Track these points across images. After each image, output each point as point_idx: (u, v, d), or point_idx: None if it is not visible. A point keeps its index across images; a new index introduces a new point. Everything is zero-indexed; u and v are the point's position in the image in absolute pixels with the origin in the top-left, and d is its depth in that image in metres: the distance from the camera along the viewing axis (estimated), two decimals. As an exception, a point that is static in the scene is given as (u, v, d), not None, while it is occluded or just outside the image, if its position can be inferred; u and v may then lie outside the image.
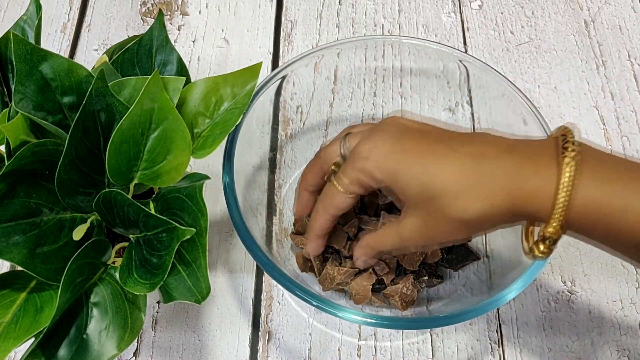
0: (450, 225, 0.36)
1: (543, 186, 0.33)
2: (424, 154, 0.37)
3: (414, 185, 0.37)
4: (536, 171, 0.34)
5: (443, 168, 0.36)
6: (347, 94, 0.62)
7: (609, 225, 0.33)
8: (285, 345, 0.51)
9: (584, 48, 0.68)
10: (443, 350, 0.51)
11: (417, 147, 0.37)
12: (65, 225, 0.40)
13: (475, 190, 0.35)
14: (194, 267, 0.39)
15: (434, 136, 0.38)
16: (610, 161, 0.34)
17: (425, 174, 0.36)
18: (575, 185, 0.32)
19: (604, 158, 0.34)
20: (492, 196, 0.35)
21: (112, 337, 0.38)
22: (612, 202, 0.32)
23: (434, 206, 0.36)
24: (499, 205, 0.35)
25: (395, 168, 0.37)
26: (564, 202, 0.33)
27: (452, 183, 0.35)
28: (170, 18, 0.71)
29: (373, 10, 0.71)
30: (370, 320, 0.41)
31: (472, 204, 0.35)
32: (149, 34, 0.47)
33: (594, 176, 0.33)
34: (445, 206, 0.36)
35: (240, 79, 0.46)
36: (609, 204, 0.32)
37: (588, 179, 0.33)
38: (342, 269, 0.50)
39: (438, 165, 0.36)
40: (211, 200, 0.57)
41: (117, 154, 0.40)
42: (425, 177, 0.36)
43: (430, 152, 0.37)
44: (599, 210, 0.32)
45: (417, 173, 0.36)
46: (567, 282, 0.54)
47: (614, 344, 0.51)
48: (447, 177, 0.36)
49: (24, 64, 0.39)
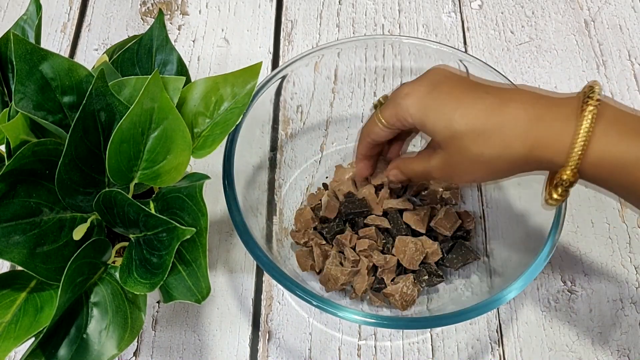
0: (470, 164, 0.39)
1: (561, 134, 0.35)
2: (456, 98, 0.39)
3: (442, 125, 0.39)
4: (556, 120, 0.36)
5: (469, 111, 0.38)
6: (347, 93, 0.62)
7: (623, 175, 0.34)
8: (285, 344, 0.51)
9: (585, 47, 0.68)
10: (443, 349, 0.51)
11: (452, 92, 0.40)
12: (65, 225, 0.39)
13: (496, 134, 0.37)
14: (194, 266, 0.39)
15: (471, 85, 0.40)
16: (628, 117, 0.35)
17: (453, 115, 0.39)
18: (592, 135, 0.34)
19: (623, 114, 0.36)
20: (511, 140, 0.37)
21: (112, 337, 0.38)
22: (628, 154, 0.34)
23: (457, 145, 0.39)
24: (517, 150, 0.37)
25: (427, 108, 0.40)
26: (579, 150, 0.34)
27: (476, 125, 0.38)
28: (170, 18, 0.71)
29: (373, 10, 0.71)
30: (371, 320, 0.41)
31: (491, 146, 0.37)
32: (149, 33, 0.47)
33: (611, 128, 0.34)
34: (466, 146, 0.38)
35: (240, 79, 0.46)
36: (624, 155, 0.34)
37: (605, 131, 0.34)
38: (345, 270, 0.50)
39: (466, 108, 0.39)
40: (211, 200, 0.57)
41: (117, 154, 0.40)
42: (452, 118, 0.39)
43: (462, 97, 0.39)
44: (614, 160, 0.34)
45: (445, 114, 0.39)
46: (568, 282, 0.54)
47: (614, 343, 0.51)
48: (471, 119, 0.38)
49: (24, 63, 0.39)
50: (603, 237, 0.56)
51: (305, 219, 0.54)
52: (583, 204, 0.58)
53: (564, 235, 0.56)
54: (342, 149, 0.60)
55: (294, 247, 0.55)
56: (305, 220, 0.54)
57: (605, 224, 0.57)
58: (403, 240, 0.51)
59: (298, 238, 0.54)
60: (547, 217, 0.44)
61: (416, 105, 0.41)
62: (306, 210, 0.54)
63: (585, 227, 0.57)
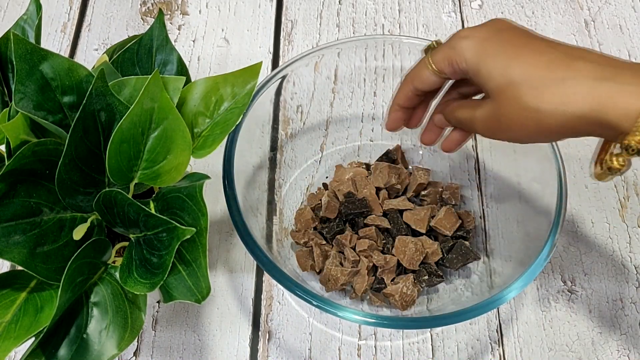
0: (521, 118, 0.36)
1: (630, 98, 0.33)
2: (517, 46, 0.37)
3: (498, 72, 0.37)
4: (628, 83, 0.33)
5: (530, 59, 0.36)
6: (347, 93, 0.62)
7: None
8: (285, 344, 0.51)
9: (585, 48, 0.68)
10: (443, 349, 0.51)
11: (513, 41, 0.38)
12: (65, 224, 0.39)
13: (557, 85, 0.35)
14: (194, 266, 0.39)
15: (536, 37, 0.38)
16: None
17: (511, 62, 0.37)
18: None
19: None
20: (571, 96, 0.34)
21: (112, 337, 0.38)
22: None
23: (510, 95, 0.37)
24: (577, 107, 0.34)
25: (485, 53, 0.38)
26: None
27: (535, 75, 0.36)
28: (170, 18, 0.71)
29: (373, 10, 0.71)
30: (371, 319, 0.41)
31: (550, 96, 0.35)
32: (149, 33, 0.47)
33: None
34: (522, 94, 0.36)
35: (241, 79, 0.46)
36: None
37: None
38: (345, 270, 0.50)
39: (527, 57, 0.36)
40: (211, 199, 0.57)
41: (117, 154, 0.40)
42: (510, 65, 0.37)
43: (524, 46, 0.37)
44: None
45: (503, 60, 0.37)
46: (568, 282, 0.54)
47: (615, 343, 0.51)
48: (531, 68, 0.36)
49: (24, 63, 0.39)
50: (603, 237, 0.56)
51: (305, 219, 0.54)
52: (583, 204, 0.58)
53: (564, 235, 0.56)
54: (342, 149, 0.60)
55: (294, 247, 0.55)
56: (305, 220, 0.54)
57: (605, 224, 0.57)
58: (403, 240, 0.51)
59: (298, 238, 0.54)
60: (547, 217, 0.44)
61: (473, 48, 0.39)
62: (306, 210, 0.54)
63: (585, 227, 0.57)
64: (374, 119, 0.61)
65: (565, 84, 0.35)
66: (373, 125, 0.61)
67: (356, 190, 0.54)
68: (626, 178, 0.59)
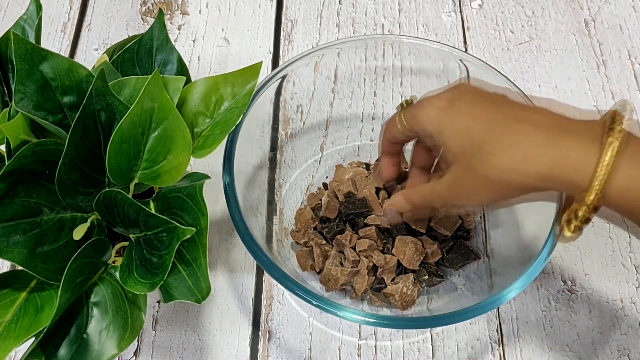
0: (478, 182, 0.38)
1: (583, 161, 0.34)
2: (472, 114, 0.38)
3: (455, 141, 0.38)
4: (578, 143, 0.34)
5: (484, 126, 0.37)
6: (347, 93, 0.62)
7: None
8: (285, 344, 0.51)
9: (585, 47, 0.68)
10: (443, 349, 0.51)
11: (469, 109, 0.39)
12: (65, 224, 0.39)
13: (511, 150, 0.36)
14: (194, 266, 0.39)
15: (492, 101, 0.39)
16: None
17: (466, 132, 0.38)
18: (616, 166, 0.33)
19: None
20: (526, 158, 0.35)
21: (113, 337, 0.39)
22: None
23: (469, 161, 0.38)
24: (532, 169, 0.35)
25: (444, 121, 0.40)
26: (601, 181, 0.33)
27: (489, 140, 0.37)
28: (170, 17, 0.71)
29: (373, 10, 0.71)
30: (371, 319, 0.41)
31: (505, 161, 0.36)
32: (149, 33, 0.47)
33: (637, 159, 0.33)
34: (479, 161, 0.37)
35: (241, 79, 0.46)
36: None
37: (630, 162, 0.33)
38: (345, 270, 0.50)
39: (481, 123, 0.38)
40: (211, 199, 0.57)
41: (118, 154, 0.40)
42: (465, 134, 0.38)
43: (479, 113, 0.38)
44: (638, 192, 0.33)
45: (460, 130, 0.38)
46: (568, 282, 0.54)
47: (615, 343, 0.51)
48: (485, 134, 0.37)
49: (24, 63, 0.39)
50: (603, 237, 0.56)
51: (305, 219, 0.54)
52: (583, 203, 0.58)
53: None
54: (342, 149, 0.60)
55: (294, 247, 0.55)
56: (305, 220, 0.54)
57: (605, 224, 0.57)
58: (403, 240, 0.51)
59: (298, 238, 0.54)
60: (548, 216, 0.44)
61: (436, 116, 0.40)
62: (306, 210, 0.54)
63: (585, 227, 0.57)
64: (374, 118, 0.62)
65: (519, 149, 0.36)
66: (373, 125, 0.61)
67: (356, 190, 0.54)
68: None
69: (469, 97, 0.40)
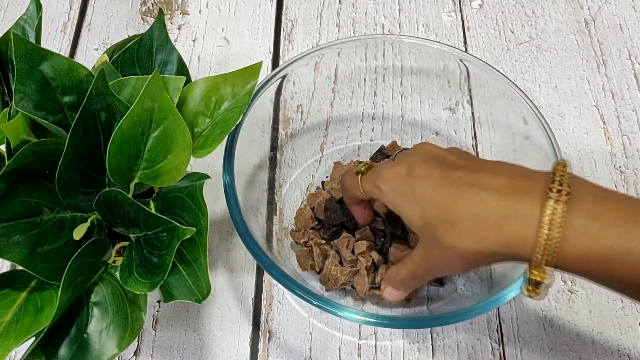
0: (446, 254, 0.36)
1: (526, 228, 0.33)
2: (430, 185, 0.37)
3: (417, 215, 0.37)
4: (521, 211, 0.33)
5: (441, 199, 0.36)
6: (347, 93, 0.62)
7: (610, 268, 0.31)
8: (285, 344, 0.51)
9: (585, 47, 0.68)
10: (443, 349, 0.51)
11: (427, 178, 0.37)
12: (65, 224, 0.40)
13: (470, 223, 0.35)
14: (195, 266, 0.39)
15: (449, 167, 0.38)
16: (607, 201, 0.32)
17: (426, 205, 0.37)
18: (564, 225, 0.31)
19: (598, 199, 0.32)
20: (483, 233, 0.34)
21: (113, 337, 0.39)
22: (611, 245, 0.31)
23: (431, 236, 0.37)
24: (491, 242, 0.34)
25: (403, 196, 0.38)
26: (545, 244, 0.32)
27: (447, 215, 0.35)
28: (170, 17, 0.71)
29: (373, 10, 0.71)
30: (371, 319, 0.41)
31: (466, 236, 0.35)
32: (149, 33, 0.47)
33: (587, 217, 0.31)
34: (442, 235, 0.36)
35: (241, 78, 0.46)
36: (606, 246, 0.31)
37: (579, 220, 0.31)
38: (345, 270, 0.50)
39: (438, 196, 0.36)
40: (211, 199, 0.57)
41: (118, 154, 0.40)
42: (425, 208, 0.37)
43: (436, 184, 0.37)
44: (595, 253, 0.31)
45: (419, 203, 0.37)
46: (568, 281, 0.54)
47: (615, 343, 0.51)
48: (443, 208, 0.36)
49: (24, 63, 0.39)
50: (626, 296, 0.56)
51: (305, 219, 0.54)
52: (583, 203, 0.58)
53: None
54: (342, 149, 0.60)
55: (294, 247, 0.55)
56: (305, 219, 0.54)
57: (605, 224, 0.57)
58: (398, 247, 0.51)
59: (298, 238, 0.54)
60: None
61: (392, 192, 0.39)
62: (306, 210, 0.54)
63: (585, 227, 0.57)
64: (374, 118, 0.62)
65: (477, 222, 0.34)
66: (373, 125, 0.61)
67: None
68: (626, 178, 0.59)
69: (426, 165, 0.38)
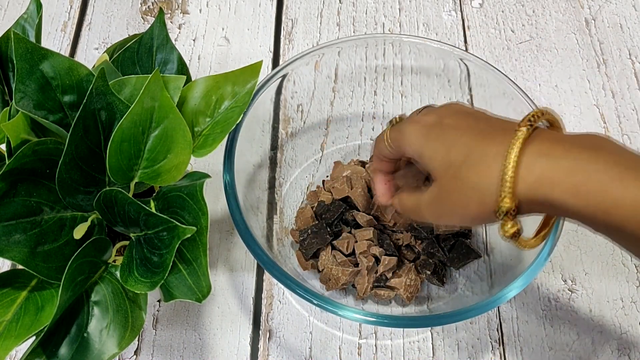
0: (464, 194, 0.36)
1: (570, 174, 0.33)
2: (459, 130, 0.38)
3: (439, 156, 0.38)
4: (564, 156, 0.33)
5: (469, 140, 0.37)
6: (347, 92, 0.62)
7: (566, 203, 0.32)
8: (286, 343, 0.51)
9: (585, 46, 0.68)
10: (444, 348, 0.51)
11: (456, 126, 0.38)
12: (65, 224, 0.40)
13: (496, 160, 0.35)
14: (195, 265, 0.39)
15: (479, 117, 0.39)
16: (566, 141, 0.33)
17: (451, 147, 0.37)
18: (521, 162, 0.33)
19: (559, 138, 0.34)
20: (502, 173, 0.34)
21: (113, 336, 0.39)
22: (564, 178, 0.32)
23: (453, 172, 0.37)
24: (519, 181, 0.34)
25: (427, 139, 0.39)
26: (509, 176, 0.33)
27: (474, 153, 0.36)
28: (170, 17, 0.71)
29: (374, 9, 0.71)
30: (371, 318, 0.41)
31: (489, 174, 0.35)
32: (150, 32, 0.47)
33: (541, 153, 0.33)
34: (464, 173, 0.36)
35: (241, 78, 0.46)
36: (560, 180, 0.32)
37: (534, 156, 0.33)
38: (346, 270, 0.50)
39: (467, 138, 0.37)
40: (212, 198, 0.57)
41: (118, 153, 0.40)
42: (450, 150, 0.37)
43: (465, 129, 0.38)
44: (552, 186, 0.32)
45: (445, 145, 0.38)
46: (568, 281, 0.54)
47: (615, 342, 0.51)
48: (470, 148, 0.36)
49: (24, 62, 0.39)
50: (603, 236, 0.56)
51: (305, 218, 0.54)
52: (583, 202, 0.58)
53: (565, 234, 0.56)
54: (342, 148, 0.60)
55: (295, 246, 0.55)
56: (305, 219, 0.54)
57: (605, 223, 0.57)
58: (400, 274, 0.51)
59: (298, 237, 0.54)
60: (548, 216, 0.44)
61: (418, 132, 0.39)
62: (307, 209, 0.54)
63: (585, 226, 0.57)
64: (375, 117, 0.61)
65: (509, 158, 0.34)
66: (374, 124, 0.61)
67: (350, 190, 0.54)
68: (627, 177, 0.59)
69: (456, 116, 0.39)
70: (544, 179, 0.33)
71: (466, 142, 0.37)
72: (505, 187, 0.33)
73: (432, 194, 0.39)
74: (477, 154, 0.36)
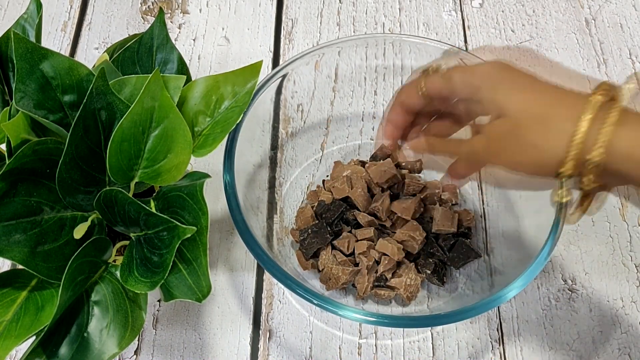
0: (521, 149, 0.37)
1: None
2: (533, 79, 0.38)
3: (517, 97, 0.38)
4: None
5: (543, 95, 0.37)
6: (347, 92, 0.62)
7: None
8: (286, 343, 0.51)
9: (585, 46, 0.68)
10: (444, 348, 0.51)
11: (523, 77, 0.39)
12: (66, 223, 0.40)
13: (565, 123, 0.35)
14: (195, 265, 0.39)
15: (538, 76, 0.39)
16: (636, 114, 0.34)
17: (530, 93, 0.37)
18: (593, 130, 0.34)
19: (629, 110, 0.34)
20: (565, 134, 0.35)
21: (113, 336, 0.39)
22: None
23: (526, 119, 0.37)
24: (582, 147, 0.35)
25: (504, 77, 0.39)
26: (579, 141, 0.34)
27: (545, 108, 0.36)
28: (170, 16, 0.71)
29: (374, 9, 0.71)
30: (371, 318, 0.41)
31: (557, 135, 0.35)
32: (150, 32, 0.47)
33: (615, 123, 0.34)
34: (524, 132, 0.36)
35: (241, 78, 0.46)
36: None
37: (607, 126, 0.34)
38: (346, 269, 0.50)
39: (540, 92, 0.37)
40: (212, 198, 0.57)
41: (118, 153, 0.40)
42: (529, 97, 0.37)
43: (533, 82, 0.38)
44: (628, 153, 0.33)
45: (525, 88, 0.38)
46: (568, 281, 0.54)
47: (615, 342, 0.51)
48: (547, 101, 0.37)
49: (24, 62, 0.39)
50: (603, 236, 0.56)
51: (305, 217, 0.54)
52: (584, 202, 0.58)
53: (565, 233, 0.56)
54: (342, 148, 0.60)
55: (295, 246, 0.55)
56: (305, 218, 0.54)
57: (605, 223, 0.57)
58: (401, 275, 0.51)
59: (298, 237, 0.54)
60: (548, 215, 0.44)
61: (494, 71, 0.39)
62: (307, 209, 0.54)
63: (585, 226, 0.57)
64: (375, 117, 0.61)
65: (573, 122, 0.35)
66: (374, 124, 0.61)
67: (351, 189, 0.54)
68: (627, 177, 0.59)
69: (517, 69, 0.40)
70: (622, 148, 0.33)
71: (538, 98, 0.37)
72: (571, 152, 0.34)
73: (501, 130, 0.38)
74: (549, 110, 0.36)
